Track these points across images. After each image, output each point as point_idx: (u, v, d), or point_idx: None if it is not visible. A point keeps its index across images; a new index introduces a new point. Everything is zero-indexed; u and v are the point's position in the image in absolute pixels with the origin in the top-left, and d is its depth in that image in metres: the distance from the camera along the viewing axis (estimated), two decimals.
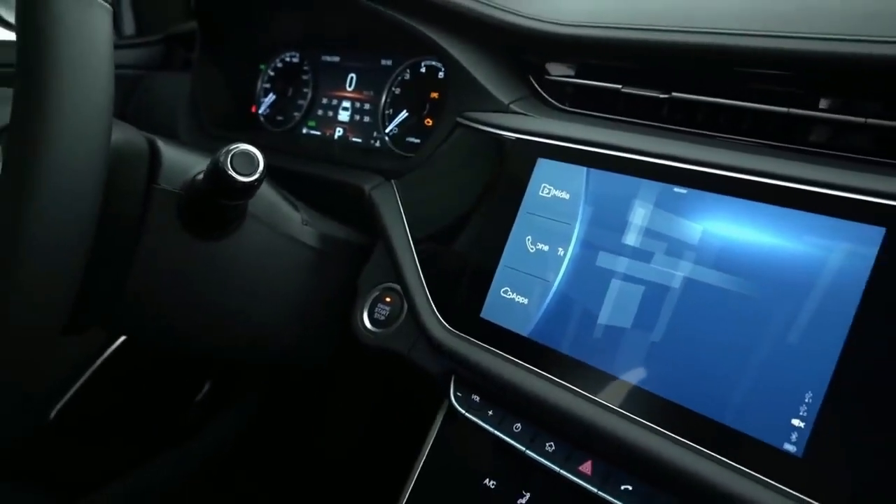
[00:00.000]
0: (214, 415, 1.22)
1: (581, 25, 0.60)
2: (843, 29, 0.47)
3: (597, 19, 0.60)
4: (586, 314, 0.50)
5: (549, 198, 0.55)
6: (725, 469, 0.42)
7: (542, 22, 0.62)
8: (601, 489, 0.48)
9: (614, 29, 0.59)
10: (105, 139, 0.41)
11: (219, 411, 1.22)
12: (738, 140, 0.52)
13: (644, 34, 0.57)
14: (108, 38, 0.41)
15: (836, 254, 0.41)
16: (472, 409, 0.56)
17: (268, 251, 0.62)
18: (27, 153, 0.39)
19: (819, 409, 0.39)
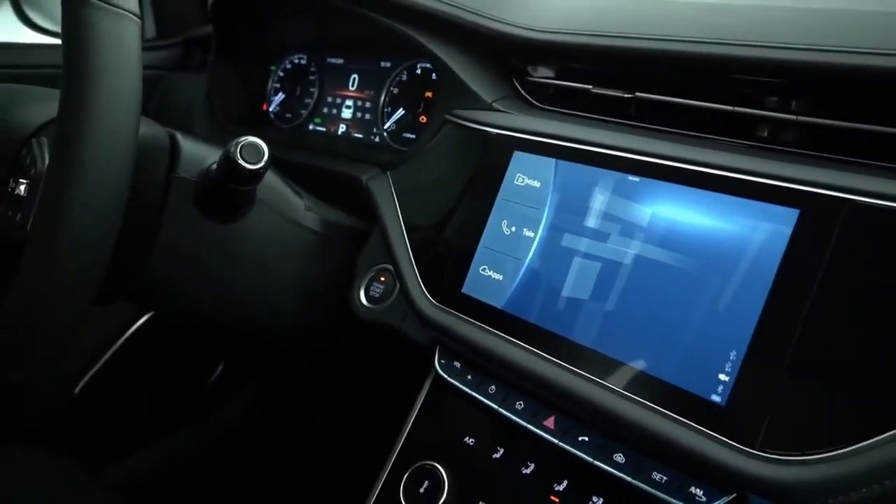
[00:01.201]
0: (227, 395, 1.29)
1: (557, 32, 0.67)
2: (778, 37, 0.53)
3: (573, 27, 0.67)
4: (551, 288, 0.57)
5: (522, 186, 0.61)
6: (664, 418, 0.48)
7: (522, 29, 0.69)
8: (562, 440, 0.55)
9: (587, 35, 0.65)
10: (134, 133, 0.48)
11: (231, 392, 1.30)
12: (688, 134, 0.58)
13: (612, 41, 0.63)
14: (137, 46, 0.48)
15: (758, 232, 0.47)
16: (454, 375, 0.63)
17: (274, 234, 0.69)
18: (70, 144, 0.46)
19: (740, 365, 0.46)
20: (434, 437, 0.65)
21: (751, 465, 0.44)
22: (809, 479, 0.41)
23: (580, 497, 0.55)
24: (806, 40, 0.50)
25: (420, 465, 0.62)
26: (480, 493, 0.59)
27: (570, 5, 0.72)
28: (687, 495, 0.48)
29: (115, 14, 0.47)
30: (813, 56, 0.51)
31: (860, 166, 0.48)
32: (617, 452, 0.52)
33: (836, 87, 0.51)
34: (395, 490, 0.63)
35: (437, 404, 0.67)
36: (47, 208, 0.45)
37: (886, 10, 0.53)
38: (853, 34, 0.51)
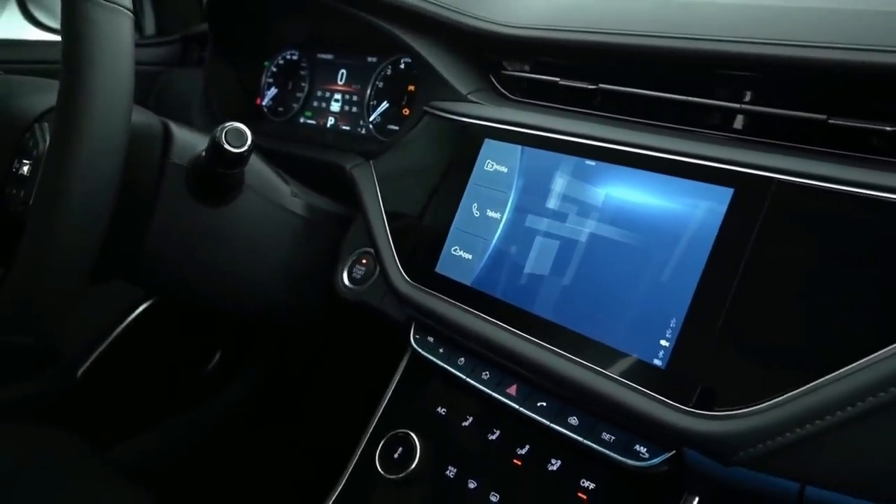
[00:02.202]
0: (224, 382, 1.34)
1: (529, 28, 0.71)
2: (728, 32, 0.57)
3: (545, 23, 0.71)
4: (514, 265, 0.61)
5: (492, 172, 0.66)
6: (612, 382, 0.52)
7: (497, 25, 0.73)
8: (522, 406, 0.59)
9: (555, 31, 0.69)
10: (126, 119, 0.53)
11: (228, 379, 1.34)
12: (643, 122, 0.63)
13: (578, 35, 0.68)
14: (130, 38, 0.52)
15: (697, 210, 0.51)
16: (427, 349, 0.68)
17: (262, 218, 0.74)
18: (68, 128, 0.50)
19: (679, 332, 0.50)
20: (409, 408, 0.69)
21: (685, 422, 0.48)
22: (734, 431, 0.45)
23: (540, 459, 0.60)
24: (754, 35, 0.54)
25: (395, 433, 0.67)
26: (450, 458, 0.64)
27: (543, 4, 0.76)
28: (633, 453, 0.52)
29: (110, 9, 0.51)
30: (753, 49, 0.55)
31: (789, 149, 0.52)
32: (571, 416, 0.56)
33: (777, 77, 0.55)
34: (372, 457, 0.67)
35: (413, 378, 0.71)
36: (47, 185, 0.50)
37: (833, 6, 0.57)
38: (798, 28, 0.55)
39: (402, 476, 0.64)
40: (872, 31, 0.51)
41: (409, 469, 0.64)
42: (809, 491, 0.45)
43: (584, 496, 0.56)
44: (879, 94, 0.51)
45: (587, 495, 0.56)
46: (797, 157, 0.49)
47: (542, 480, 0.59)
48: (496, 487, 0.60)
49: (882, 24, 0.52)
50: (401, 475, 0.64)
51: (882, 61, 0.49)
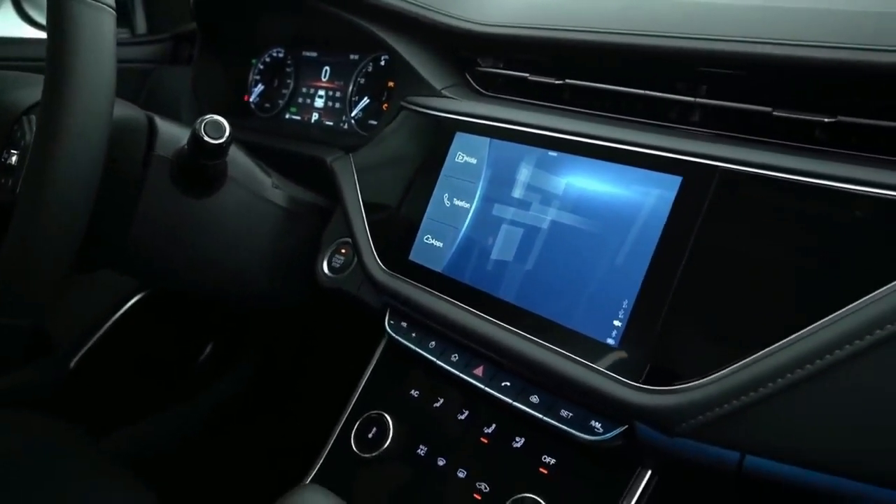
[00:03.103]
0: (216, 374, 1.37)
1: (500, 26, 0.74)
2: (691, 29, 0.60)
3: (517, 21, 0.74)
4: (481, 252, 0.64)
5: (462, 163, 0.69)
6: (569, 361, 0.55)
7: (471, 23, 0.76)
8: (488, 386, 0.62)
9: (524, 28, 0.72)
10: (108, 111, 0.56)
11: (219, 371, 1.37)
12: (605, 115, 0.65)
13: (545, 33, 0.70)
14: (112, 34, 0.55)
15: (649, 197, 0.54)
16: (401, 333, 0.70)
17: (244, 208, 0.77)
18: (52, 122, 0.53)
19: (630, 312, 0.53)
20: (384, 391, 0.72)
21: (634, 397, 0.51)
22: (676, 404, 0.48)
23: (505, 437, 0.62)
24: (708, 32, 0.57)
25: (369, 414, 0.70)
26: (421, 438, 0.67)
27: (518, 3, 0.79)
28: (588, 428, 0.55)
29: (94, 7, 0.54)
30: (706, 45, 0.58)
31: (737, 140, 0.55)
32: (533, 394, 0.59)
33: (728, 71, 0.58)
34: (348, 437, 0.70)
35: (388, 362, 0.74)
36: (32, 174, 0.53)
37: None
38: (746, 25, 0.58)
39: (375, 455, 0.67)
40: (814, 28, 0.53)
41: (382, 448, 0.67)
42: (748, 460, 0.47)
43: (545, 471, 0.59)
44: (821, 88, 0.54)
45: (548, 470, 0.59)
46: (741, 147, 0.52)
47: (506, 457, 0.62)
48: (463, 464, 0.63)
49: (829, 21, 0.55)
50: (374, 454, 0.67)
51: (823, 57, 0.52)
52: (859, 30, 0.52)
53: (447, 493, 0.62)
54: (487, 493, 0.60)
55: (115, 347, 1.21)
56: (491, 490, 0.60)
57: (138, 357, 1.27)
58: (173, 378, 1.33)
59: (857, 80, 0.52)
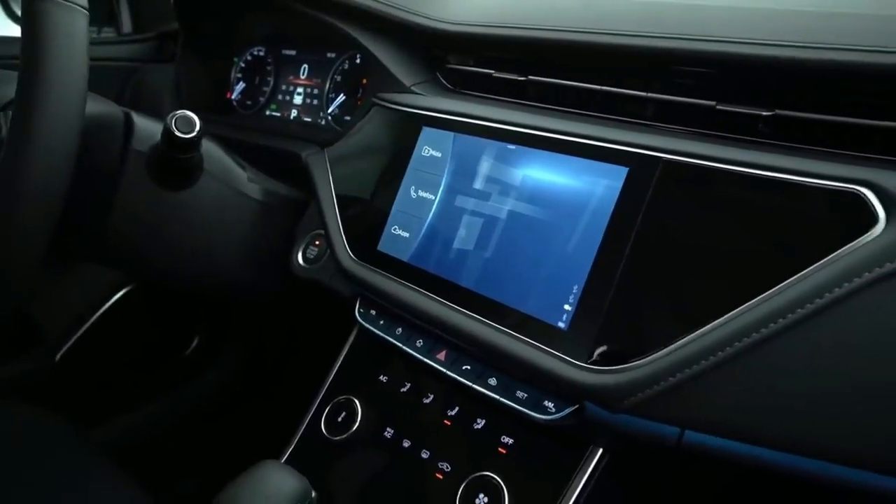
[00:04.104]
0: (202, 367, 1.39)
1: (467, 24, 0.76)
2: (647, 28, 0.63)
3: (485, 20, 0.76)
4: (444, 241, 0.66)
5: (428, 157, 0.71)
6: (524, 344, 0.57)
7: (439, 22, 0.78)
8: (450, 369, 0.64)
9: (489, 27, 0.75)
10: (81, 107, 0.58)
11: (206, 364, 1.39)
12: (563, 110, 0.68)
13: (509, 31, 0.73)
14: (84, 33, 0.57)
15: (598, 187, 0.57)
16: (370, 321, 0.73)
17: (220, 201, 0.79)
18: (25, 118, 0.55)
19: (579, 297, 0.55)
20: (354, 377, 0.75)
21: (582, 376, 0.53)
22: (618, 382, 0.51)
23: (467, 419, 0.65)
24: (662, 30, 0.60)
25: (339, 399, 0.72)
26: (388, 421, 0.69)
27: (485, 2, 0.81)
28: (542, 408, 0.58)
29: (66, 7, 0.56)
30: (658, 43, 0.60)
31: (682, 133, 0.58)
32: (491, 377, 0.62)
33: (678, 68, 0.61)
34: (319, 421, 0.73)
35: (359, 349, 0.77)
36: (6, 167, 0.55)
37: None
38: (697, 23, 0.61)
39: (344, 437, 0.70)
40: (753, 25, 0.56)
41: (350, 431, 0.70)
42: (687, 435, 0.50)
43: (503, 450, 0.62)
44: (763, 83, 0.56)
45: (506, 449, 0.62)
46: (683, 139, 0.55)
47: (467, 438, 0.64)
48: (427, 446, 0.66)
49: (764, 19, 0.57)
50: (343, 437, 0.70)
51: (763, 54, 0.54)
52: (796, 28, 0.54)
53: (411, 473, 0.65)
54: (449, 473, 0.63)
55: (101, 340, 1.24)
56: (452, 469, 0.63)
57: (125, 349, 1.29)
58: (160, 370, 1.35)
59: (798, 76, 0.54)
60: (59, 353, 1.20)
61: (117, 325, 1.25)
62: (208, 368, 1.40)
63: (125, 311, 1.25)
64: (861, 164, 0.48)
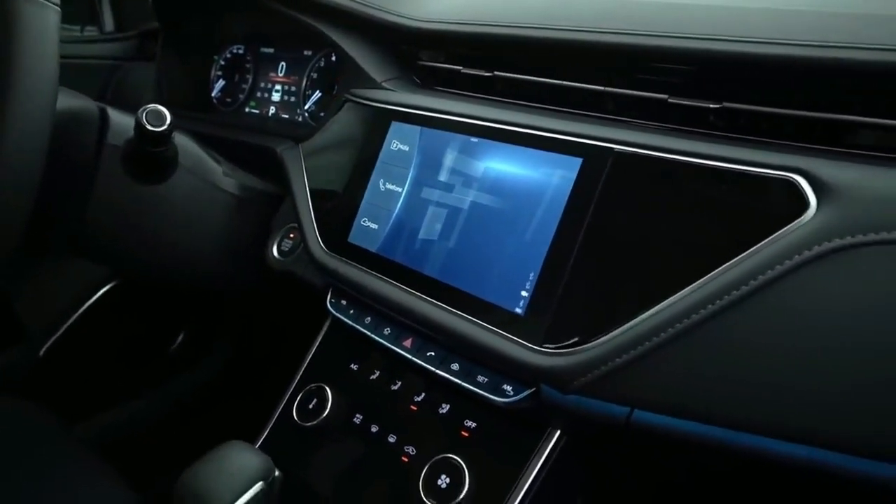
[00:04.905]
0: (188, 362, 1.41)
1: (435, 22, 0.78)
2: (610, 25, 0.65)
3: (455, 17, 0.78)
4: (410, 232, 0.68)
5: (396, 150, 0.73)
6: (484, 329, 0.59)
7: (408, 19, 0.80)
8: (415, 356, 0.66)
9: (457, 24, 0.77)
10: (52, 103, 0.59)
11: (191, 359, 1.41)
12: (529, 105, 0.70)
13: (476, 28, 0.75)
14: (56, 30, 0.59)
15: (554, 178, 0.59)
16: (340, 310, 0.75)
17: (196, 195, 0.81)
18: None
19: (535, 283, 0.57)
20: (326, 365, 0.77)
21: (537, 360, 0.55)
22: (569, 364, 0.53)
23: (433, 404, 0.67)
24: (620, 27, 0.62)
25: (310, 387, 0.74)
26: (357, 407, 0.71)
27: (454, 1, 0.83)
28: (501, 391, 0.60)
29: (38, 4, 0.58)
30: (615, 38, 0.63)
31: (634, 124, 0.60)
32: (454, 363, 0.64)
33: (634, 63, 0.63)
34: (291, 408, 0.74)
35: (332, 339, 0.79)
36: None
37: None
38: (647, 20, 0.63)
39: (314, 423, 0.71)
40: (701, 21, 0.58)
41: (321, 417, 0.71)
42: (636, 414, 0.52)
43: (466, 434, 0.64)
44: (711, 76, 0.58)
45: (469, 433, 0.64)
46: (636, 131, 0.57)
47: (432, 422, 0.66)
48: (394, 430, 0.67)
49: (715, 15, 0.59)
50: (314, 423, 0.71)
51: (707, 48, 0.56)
52: (742, 24, 0.56)
53: (378, 457, 0.67)
54: (414, 456, 0.65)
55: (86, 335, 1.25)
56: (417, 453, 0.65)
57: (110, 345, 1.30)
58: (145, 366, 1.36)
59: (744, 70, 0.56)
60: (44, 348, 1.21)
61: (102, 320, 1.26)
62: (193, 364, 1.41)
63: (110, 306, 1.27)
64: (797, 152, 0.50)
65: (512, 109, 0.67)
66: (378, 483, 0.66)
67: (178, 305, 1.37)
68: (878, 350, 0.43)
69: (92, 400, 1.28)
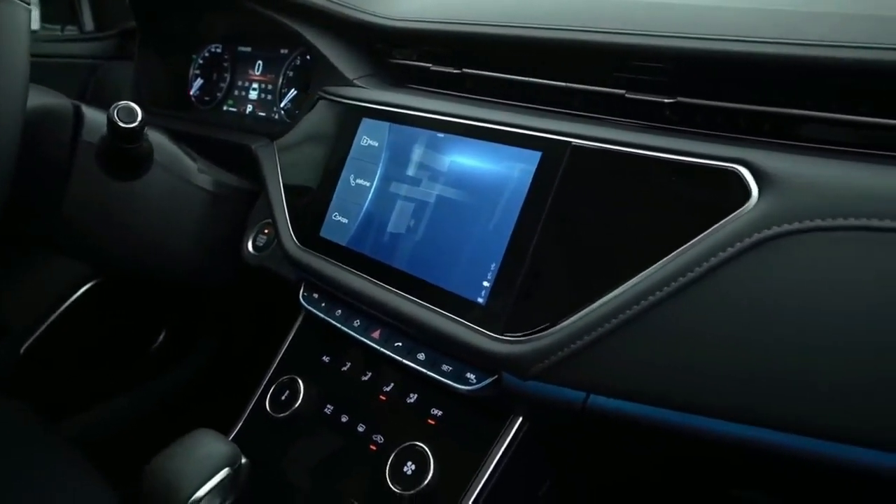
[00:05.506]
0: (169, 361, 1.41)
1: (404, 20, 0.80)
2: (577, 22, 0.66)
3: (426, 16, 0.80)
4: (379, 226, 0.70)
5: (366, 146, 0.74)
6: (448, 319, 0.61)
7: (380, 18, 0.82)
8: (383, 347, 0.68)
9: (426, 22, 0.78)
10: (22, 99, 0.61)
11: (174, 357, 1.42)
12: (495, 101, 0.72)
13: (444, 26, 0.76)
14: (26, 28, 0.60)
15: (515, 171, 0.60)
16: (312, 304, 0.76)
17: (171, 191, 0.82)
18: None
19: (496, 274, 0.59)
20: (299, 358, 0.78)
21: (497, 347, 0.57)
22: (526, 351, 0.54)
23: (401, 394, 0.69)
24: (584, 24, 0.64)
25: (283, 379, 0.75)
26: (328, 398, 0.72)
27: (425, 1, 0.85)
28: (464, 379, 0.61)
29: (8, 2, 0.59)
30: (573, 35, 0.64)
31: (592, 119, 0.62)
32: (420, 352, 0.65)
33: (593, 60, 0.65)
34: (264, 400, 0.76)
35: (306, 332, 0.80)
36: None
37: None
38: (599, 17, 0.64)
39: (286, 415, 0.73)
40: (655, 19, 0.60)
41: (292, 408, 0.73)
42: (591, 399, 0.54)
43: (433, 422, 0.65)
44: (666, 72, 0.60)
45: (436, 421, 0.65)
46: (593, 125, 0.59)
47: (401, 411, 0.68)
48: (363, 420, 0.69)
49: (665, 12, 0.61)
50: (285, 414, 0.73)
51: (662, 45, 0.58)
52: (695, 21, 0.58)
53: (347, 445, 0.68)
54: (381, 444, 0.66)
55: (67, 333, 1.25)
56: (385, 441, 0.66)
57: (91, 343, 1.31)
58: (127, 364, 1.37)
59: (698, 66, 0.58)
60: (24, 346, 1.22)
61: (83, 318, 1.27)
62: (176, 362, 1.42)
63: (91, 304, 1.27)
64: (744, 145, 0.51)
65: (477, 105, 0.69)
66: (347, 471, 0.67)
67: (160, 304, 1.37)
68: (816, 330, 0.44)
69: (74, 398, 1.29)
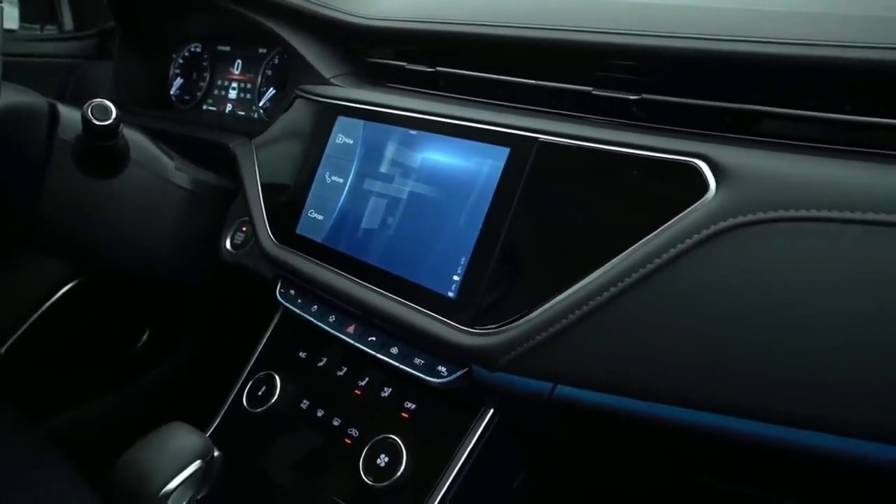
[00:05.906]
0: (153, 360, 1.41)
1: (379, 20, 0.81)
2: (555, 21, 0.67)
3: (402, 15, 0.81)
4: (354, 222, 0.70)
5: (341, 144, 0.75)
6: (419, 313, 0.62)
7: (355, 17, 0.82)
8: (357, 341, 0.69)
9: (400, 22, 0.79)
10: None
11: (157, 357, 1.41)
12: (467, 98, 0.72)
13: (417, 25, 0.77)
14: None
15: (484, 167, 0.61)
16: (289, 300, 0.77)
17: (147, 189, 0.82)
18: None
19: (466, 268, 0.60)
20: (277, 354, 0.79)
21: (466, 340, 0.58)
22: (494, 343, 0.55)
23: (376, 388, 0.69)
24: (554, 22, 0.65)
25: (260, 375, 0.76)
26: (304, 393, 0.73)
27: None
28: (436, 372, 0.62)
29: None
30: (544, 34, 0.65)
31: (559, 115, 0.63)
32: (393, 346, 0.66)
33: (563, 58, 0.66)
34: (241, 396, 0.76)
35: (283, 328, 0.81)
36: None
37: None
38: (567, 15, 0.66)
39: (263, 410, 0.73)
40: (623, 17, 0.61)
41: (269, 404, 0.73)
42: (558, 389, 0.55)
43: (406, 415, 0.66)
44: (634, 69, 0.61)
45: (409, 414, 0.66)
46: (561, 122, 0.60)
47: (375, 405, 0.69)
48: (339, 414, 0.70)
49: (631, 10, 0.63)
50: (262, 409, 0.73)
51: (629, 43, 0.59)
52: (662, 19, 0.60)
53: (323, 439, 0.69)
54: (356, 437, 0.67)
55: (49, 332, 1.25)
56: (359, 434, 0.67)
57: (73, 342, 1.31)
58: (110, 363, 1.37)
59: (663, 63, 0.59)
60: (5, 346, 1.21)
61: (65, 317, 1.26)
62: (159, 361, 1.42)
63: (73, 303, 1.27)
64: (705, 140, 0.53)
65: (449, 103, 0.70)
66: (322, 464, 0.68)
67: (143, 303, 1.37)
68: (770, 319, 0.46)
69: (57, 397, 1.29)
